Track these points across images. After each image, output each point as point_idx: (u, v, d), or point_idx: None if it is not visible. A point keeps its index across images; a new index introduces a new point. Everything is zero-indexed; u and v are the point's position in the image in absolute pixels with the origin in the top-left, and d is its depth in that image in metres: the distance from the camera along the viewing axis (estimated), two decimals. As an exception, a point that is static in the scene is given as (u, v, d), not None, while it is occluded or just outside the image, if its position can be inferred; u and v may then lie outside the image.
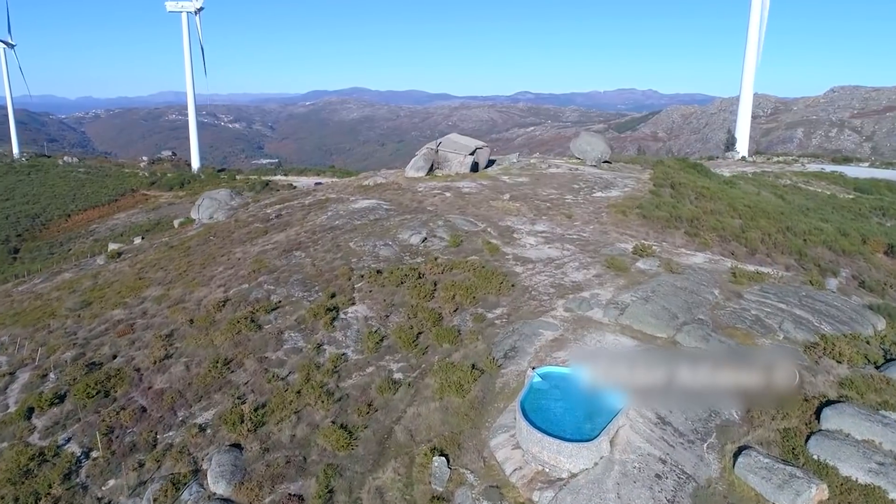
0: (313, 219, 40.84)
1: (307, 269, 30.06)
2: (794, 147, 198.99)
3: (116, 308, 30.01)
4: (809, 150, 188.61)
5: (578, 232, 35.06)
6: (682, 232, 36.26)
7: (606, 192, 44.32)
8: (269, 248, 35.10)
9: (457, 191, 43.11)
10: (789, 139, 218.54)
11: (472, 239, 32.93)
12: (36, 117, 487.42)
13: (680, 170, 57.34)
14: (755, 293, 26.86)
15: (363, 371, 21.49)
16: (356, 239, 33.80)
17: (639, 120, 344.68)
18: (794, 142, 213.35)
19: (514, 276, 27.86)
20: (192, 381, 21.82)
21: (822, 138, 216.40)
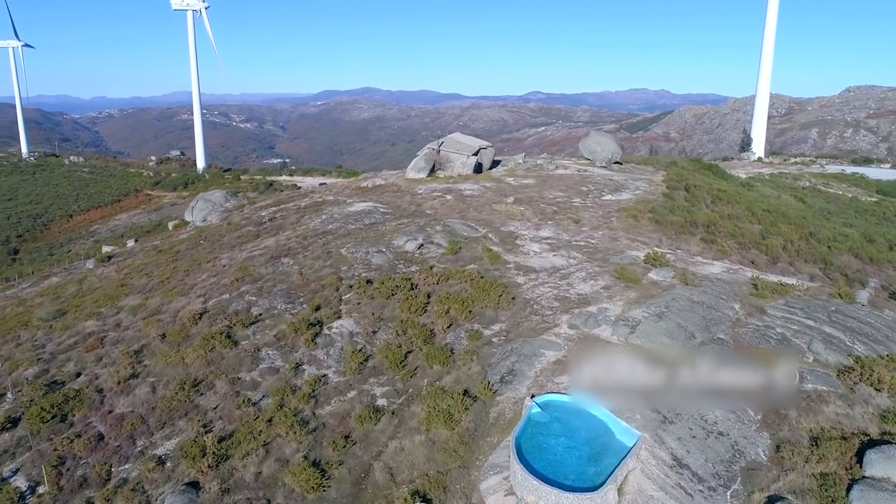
0: (307, 222, 38.83)
1: (293, 278, 27.99)
2: (809, 147, 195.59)
3: (90, 319, 28.10)
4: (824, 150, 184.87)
5: (586, 238, 32.76)
6: (698, 238, 33.82)
7: (617, 195, 41.92)
8: (256, 253, 33.10)
9: (458, 193, 40.90)
10: (803, 139, 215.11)
11: (472, 246, 30.73)
12: (50, 117, 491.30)
13: (694, 171, 54.79)
14: (780, 308, 24.46)
15: (343, 396, 19.36)
16: (348, 245, 31.71)
17: (651, 120, 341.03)
18: (808, 142, 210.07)
19: (514, 288, 25.63)
20: (157, 405, 19.80)
21: (836, 139, 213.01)
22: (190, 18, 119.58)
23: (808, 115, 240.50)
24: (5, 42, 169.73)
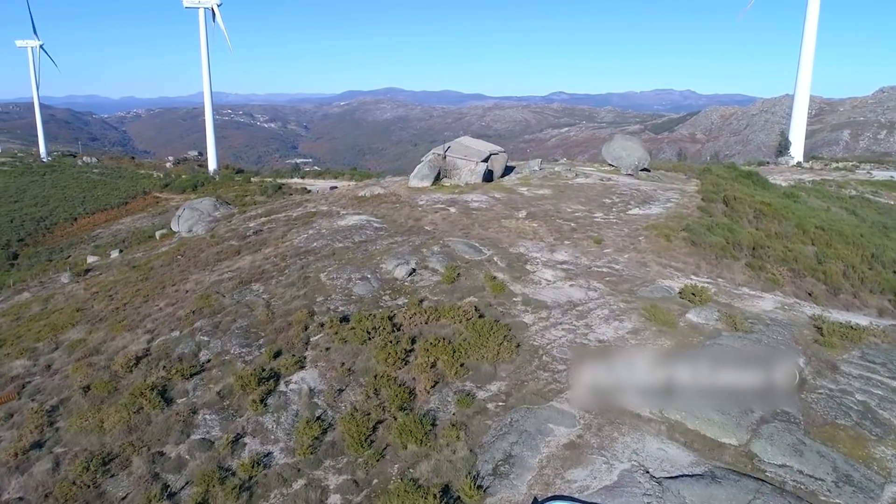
0: (292, 238, 34.43)
1: (258, 312, 23.54)
2: (840, 150, 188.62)
3: (22, 356, 23.93)
4: (857, 152, 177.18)
5: (609, 263, 27.80)
6: (743, 264, 28.63)
7: (645, 209, 36.77)
8: (226, 276, 28.75)
9: (463, 206, 36.12)
10: (835, 141, 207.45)
11: (473, 272, 25.97)
12: (79, 116, 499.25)
13: (732, 180, 49.27)
14: (856, 362, 19.32)
15: (287, 488, 14.77)
16: (330, 269, 27.19)
17: (676, 121, 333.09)
18: (840, 144, 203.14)
19: (520, 331, 20.84)
20: (53, 492, 15.42)
21: (869, 140, 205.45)
22: (202, 16, 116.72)
23: (839, 117, 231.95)
24: (24, 42, 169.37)
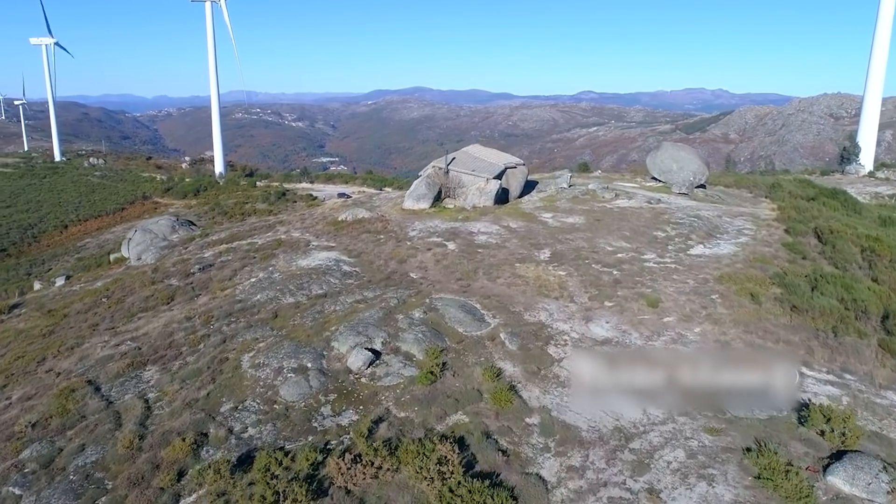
0: (238, 281, 25.93)
1: (122, 435, 14.96)
2: (882, 151, 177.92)
3: None
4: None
5: (674, 342, 18.58)
6: (876, 345, 19.09)
7: (712, 247, 27.19)
8: (122, 349, 20.31)
9: (466, 239, 27.07)
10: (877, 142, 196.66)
11: (467, 361, 17.01)
12: (112, 115, 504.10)
13: (811, 199, 39.24)
14: None
15: None
16: (261, 345, 18.55)
17: (708, 121, 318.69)
18: (882, 145, 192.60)
19: (533, 502, 11.86)
20: None
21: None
22: (208, 11, 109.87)
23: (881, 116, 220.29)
24: (38, 39, 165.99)
